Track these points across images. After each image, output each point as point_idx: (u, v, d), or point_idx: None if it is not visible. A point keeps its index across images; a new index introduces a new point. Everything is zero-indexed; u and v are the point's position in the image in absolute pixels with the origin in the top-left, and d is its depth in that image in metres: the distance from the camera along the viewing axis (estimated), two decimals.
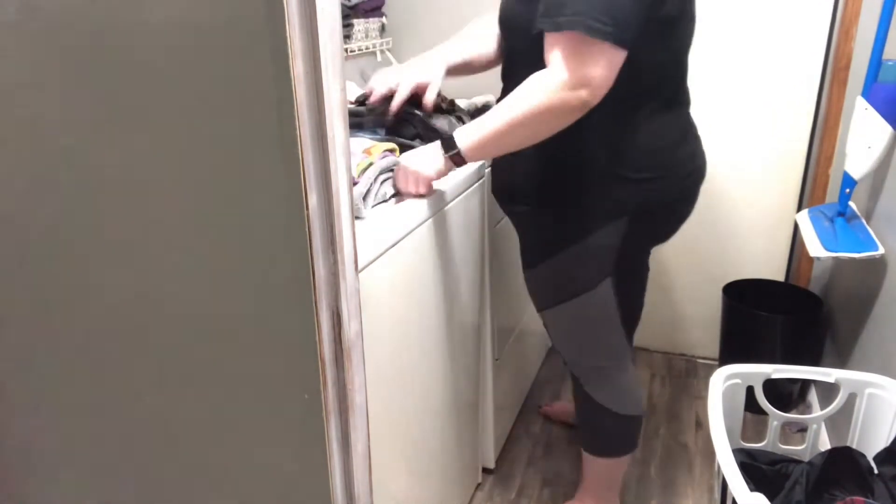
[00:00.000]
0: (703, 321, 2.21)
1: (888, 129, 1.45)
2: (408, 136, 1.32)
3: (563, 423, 1.91)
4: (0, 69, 0.70)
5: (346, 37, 1.88)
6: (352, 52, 1.89)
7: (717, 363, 2.11)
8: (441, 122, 1.33)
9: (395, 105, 1.27)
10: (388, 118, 1.28)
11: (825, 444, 1.63)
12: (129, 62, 0.65)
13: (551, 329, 1.36)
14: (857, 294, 1.66)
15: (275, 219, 0.67)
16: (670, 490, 1.68)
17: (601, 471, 1.44)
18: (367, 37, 1.99)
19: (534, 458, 1.80)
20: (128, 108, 0.67)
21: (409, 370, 1.15)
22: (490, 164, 1.36)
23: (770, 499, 1.02)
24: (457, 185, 1.29)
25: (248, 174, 0.66)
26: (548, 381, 2.14)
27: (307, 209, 0.65)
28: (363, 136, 1.34)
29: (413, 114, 1.31)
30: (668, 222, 1.27)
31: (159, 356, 0.77)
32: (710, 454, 1.80)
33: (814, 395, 1.96)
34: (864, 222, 1.60)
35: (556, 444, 1.85)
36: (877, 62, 1.53)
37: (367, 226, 1.03)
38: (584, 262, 1.22)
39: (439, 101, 1.34)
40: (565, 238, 1.20)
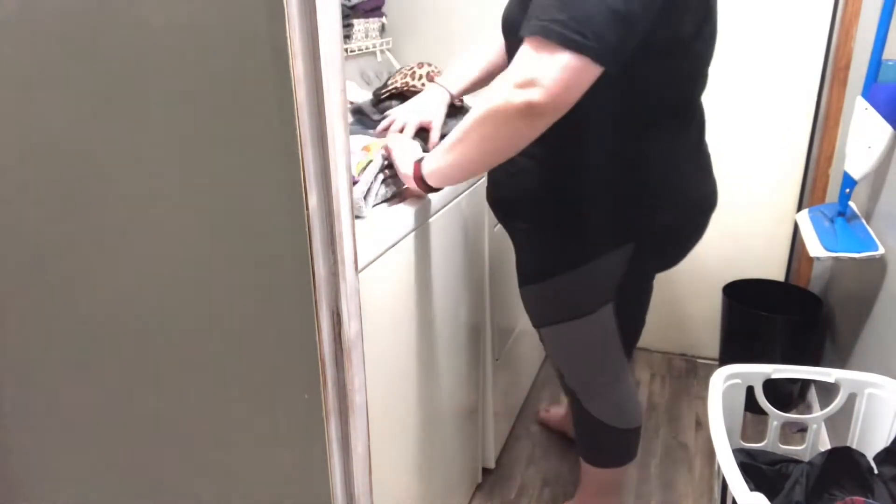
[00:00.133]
0: (703, 321, 2.21)
1: (888, 129, 1.45)
2: None
3: (560, 433, 1.89)
4: (0, 69, 0.70)
5: (346, 37, 1.88)
6: (352, 52, 1.89)
7: (717, 363, 2.11)
8: (452, 124, 1.33)
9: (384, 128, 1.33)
10: None
11: (825, 444, 1.63)
12: (129, 62, 0.65)
13: (546, 344, 1.34)
14: (857, 294, 1.66)
15: (275, 219, 0.67)
16: (670, 490, 1.68)
17: (600, 479, 1.43)
18: (367, 37, 1.99)
19: (534, 458, 1.80)
20: (128, 108, 0.67)
21: (409, 370, 1.15)
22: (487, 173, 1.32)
23: (770, 499, 1.02)
24: (457, 186, 1.29)
25: (249, 174, 0.66)
26: (548, 382, 2.13)
27: (307, 209, 0.65)
28: (364, 133, 1.36)
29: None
30: (674, 250, 1.23)
31: (159, 356, 0.77)
32: (710, 454, 1.80)
33: (814, 395, 1.96)
34: (864, 222, 1.60)
35: (556, 445, 1.85)
36: (877, 62, 1.53)
37: (367, 226, 1.03)
38: (586, 287, 1.19)
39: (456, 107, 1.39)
40: (567, 261, 1.17)
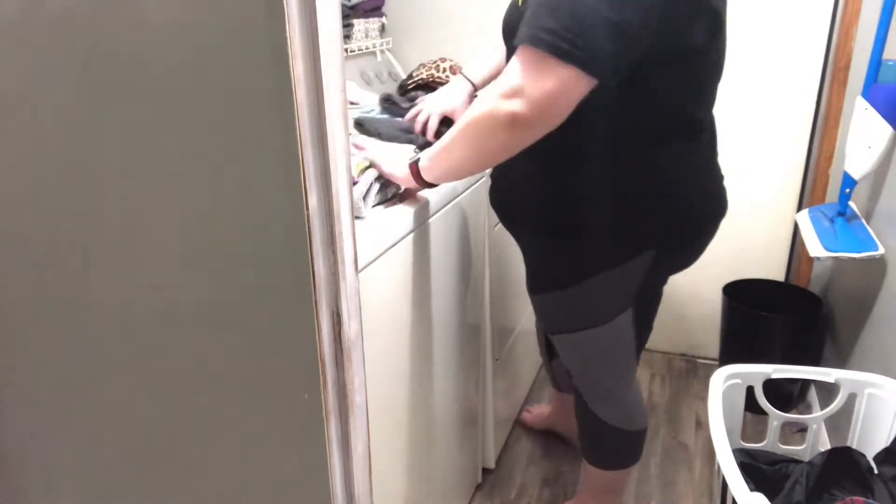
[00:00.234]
0: (703, 321, 2.21)
1: (888, 129, 1.45)
2: None
3: (547, 432, 1.88)
4: (0, 69, 0.70)
5: (346, 37, 1.88)
6: (352, 52, 1.89)
7: (717, 363, 2.11)
8: None
9: (430, 135, 1.38)
10: (423, 139, 1.41)
11: (825, 444, 1.63)
12: (129, 62, 0.65)
13: (559, 349, 1.32)
14: (857, 294, 1.66)
15: (275, 219, 0.67)
16: (670, 490, 1.68)
17: (603, 481, 1.43)
18: (367, 37, 1.99)
19: (534, 458, 1.80)
20: (127, 108, 0.67)
21: (409, 370, 1.15)
22: (490, 174, 1.32)
23: (770, 499, 1.02)
24: (458, 185, 1.29)
25: (248, 174, 0.66)
26: (548, 381, 2.13)
27: (307, 209, 0.65)
28: (393, 120, 1.45)
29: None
30: (691, 255, 1.23)
31: (159, 356, 0.77)
32: (710, 454, 1.80)
33: (814, 395, 1.96)
34: (864, 222, 1.60)
35: (556, 445, 1.85)
36: (877, 62, 1.53)
37: (367, 226, 1.03)
38: (606, 295, 1.18)
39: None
40: (586, 270, 1.15)
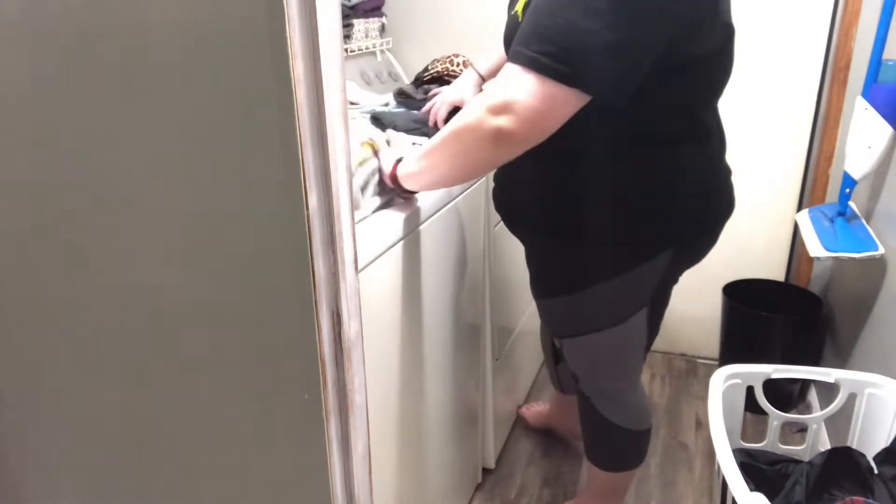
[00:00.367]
0: (703, 321, 2.21)
1: (888, 129, 1.45)
2: None
3: (544, 430, 1.88)
4: (0, 69, 0.70)
5: (346, 37, 1.88)
6: (352, 52, 1.89)
7: (717, 363, 2.11)
8: None
9: (439, 121, 1.45)
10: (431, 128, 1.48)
11: (825, 444, 1.63)
12: (129, 62, 0.65)
13: (567, 353, 1.30)
14: (857, 294, 1.66)
15: (275, 219, 0.67)
16: (670, 490, 1.68)
17: (607, 483, 1.42)
18: (367, 37, 1.99)
19: (534, 458, 1.80)
20: (127, 108, 0.67)
21: (409, 370, 1.15)
22: (493, 177, 1.31)
23: (770, 499, 1.02)
24: (458, 185, 1.29)
25: (248, 174, 0.66)
26: (548, 382, 2.13)
27: (307, 209, 0.65)
28: (409, 113, 1.54)
29: None
30: (707, 248, 1.22)
31: (159, 356, 0.77)
32: (710, 454, 1.80)
33: (814, 395, 1.96)
34: (864, 222, 1.60)
35: (556, 445, 1.85)
36: (877, 62, 1.53)
37: (367, 226, 1.03)
38: (622, 296, 1.17)
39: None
40: (603, 272, 1.14)
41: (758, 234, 2.07)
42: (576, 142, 1.03)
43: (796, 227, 1.97)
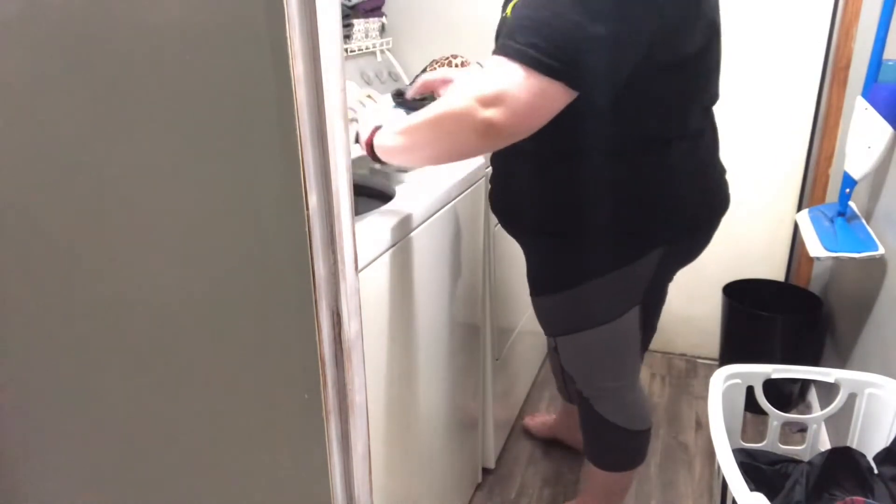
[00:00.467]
0: (703, 321, 2.21)
1: (888, 129, 1.45)
2: None
3: (548, 440, 1.87)
4: (0, 69, 0.70)
5: (346, 37, 1.88)
6: (352, 52, 1.89)
7: (717, 363, 2.11)
8: None
9: (414, 89, 1.40)
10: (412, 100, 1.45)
11: (825, 444, 1.63)
12: (129, 62, 0.65)
13: (562, 352, 1.30)
14: (857, 294, 1.66)
15: (275, 219, 0.67)
16: (670, 490, 1.68)
17: (607, 484, 1.42)
18: (367, 37, 1.99)
19: (534, 458, 1.80)
20: (127, 108, 0.67)
21: (409, 370, 1.15)
22: (489, 179, 1.31)
23: (770, 499, 1.02)
24: (457, 185, 1.29)
25: (249, 174, 0.66)
26: (548, 382, 2.13)
27: (307, 209, 0.65)
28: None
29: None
30: (700, 247, 1.23)
31: (159, 356, 0.77)
32: (710, 454, 1.80)
33: (814, 395, 1.96)
34: (864, 222, 1.60)
35: (557, 445, 1.85)
36: (877, 62, 1.53)
37: (367, 226, 1.03)
38: (613, 294, 1.17)
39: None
40: (594, 269, 1.14)
41: (758, 234, 2.07)
42: (568, 143, 1.04)
43: (796, 227, 1.97)
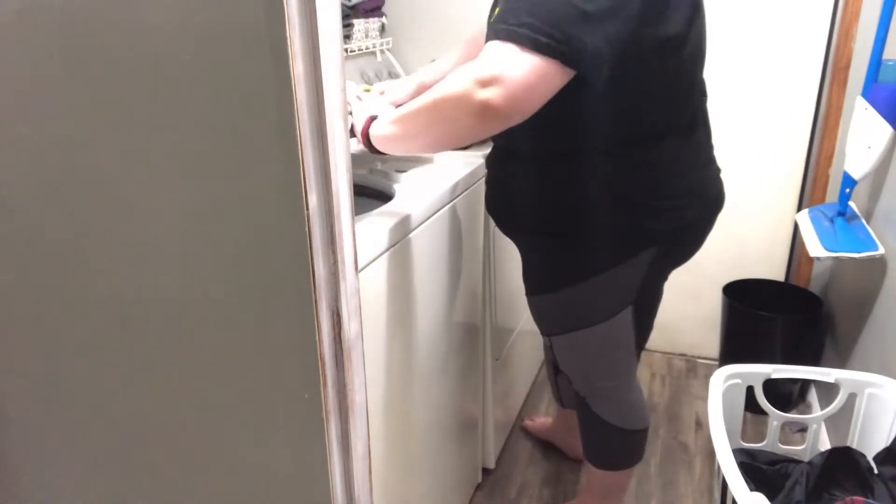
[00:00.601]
0: (703, 321, 2.21)
1: (888, 129, 1.45)
2: None
3: (546, 443, 1.87)
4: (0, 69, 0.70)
5: (346, 37, 1.88)
6: (352, 52, 1.89)
7: (717, 363, 2.11)
8: None
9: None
10: None
11: (825, 444, 1.63)
12: (129, 62, 0.65)
13: (558, 352, 1.31)
14: (857, 294, 1.66)
15: (275, 219, 0.67)
16: (670, 490, 1.68)
17: (606, 483, 1.43)
18: (367, 37, 1.99)
19: (534, 458, 1.80)
20: (127, 108, 0.67)
21: (408, 370, 1.15)
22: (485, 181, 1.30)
23: (770, 499, 1.02)
24: (457, 185, 1.29)
25: (248, 174, 0.66)
26: (548, 382, 2.13)
27: (307, 209, 0.65)
28: None
29: None
30: (693, 247, 1.23)
31: (159, 356, 0.77)
32: (710, 454, 1.80)
33: (814, 395, 1.96)
34: (864, 222, 1.60)
35: (556, 446, 1.85)
36: (877, 62, 1.53)
37: (366, 226, 1.03)
38: (606, 294, 1.17)
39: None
40: (587, 269, 1.15)
41: (758, 234, 2.07)
42: (562, 143, 1.04)
43: (796, 227, 1.97)
